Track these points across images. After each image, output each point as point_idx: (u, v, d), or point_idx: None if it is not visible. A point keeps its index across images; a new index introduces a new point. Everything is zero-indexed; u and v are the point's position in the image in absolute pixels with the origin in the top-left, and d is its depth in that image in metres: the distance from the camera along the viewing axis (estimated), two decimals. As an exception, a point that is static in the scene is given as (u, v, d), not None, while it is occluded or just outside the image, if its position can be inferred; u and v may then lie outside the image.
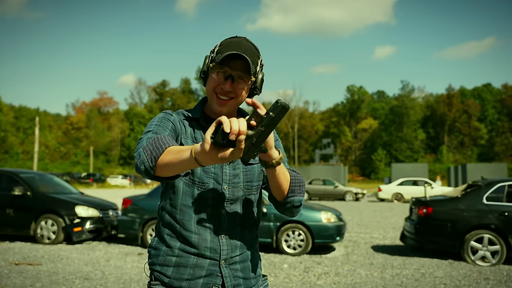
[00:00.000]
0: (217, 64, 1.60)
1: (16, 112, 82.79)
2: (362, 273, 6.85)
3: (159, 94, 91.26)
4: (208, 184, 1.62)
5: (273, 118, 1.21)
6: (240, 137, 1.15)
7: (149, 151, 1.41)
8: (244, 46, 1.61)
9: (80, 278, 6.23)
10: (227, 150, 1.19)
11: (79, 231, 9.20)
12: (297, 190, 1.64)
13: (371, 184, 61.50)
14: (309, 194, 27.31)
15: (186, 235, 1.61)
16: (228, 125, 1.16)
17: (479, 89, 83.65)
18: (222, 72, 1.61)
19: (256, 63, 1.63)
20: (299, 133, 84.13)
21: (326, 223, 8.31)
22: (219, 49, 1.62)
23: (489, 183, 7.87)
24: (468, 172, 32.19)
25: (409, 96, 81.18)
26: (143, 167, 1.41)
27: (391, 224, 13.94)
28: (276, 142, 1.79)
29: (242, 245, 1.67)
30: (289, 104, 1.21)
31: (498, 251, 7.38)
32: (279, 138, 1.85)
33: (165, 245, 1.65)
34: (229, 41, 1.63)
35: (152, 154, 1.40)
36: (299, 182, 1.65)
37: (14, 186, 9.58)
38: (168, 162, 1.36)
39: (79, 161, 77.00)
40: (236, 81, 1.62)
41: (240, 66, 1.61)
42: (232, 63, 1.60)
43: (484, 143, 76.92)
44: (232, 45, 1.61)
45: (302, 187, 1.66)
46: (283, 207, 1.65)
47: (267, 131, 1.22)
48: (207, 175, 1.62)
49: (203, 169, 1.62)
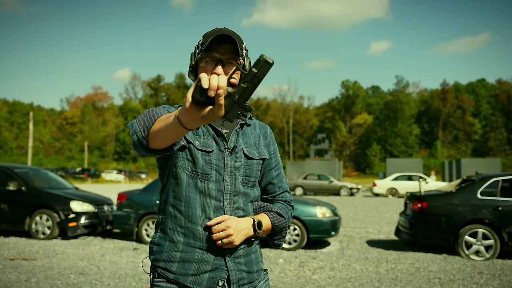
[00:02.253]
0: (204, 51, 1.62)
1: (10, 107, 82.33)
2: (357, 267, 6.88)
3: (154, 89, 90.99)
4: (211, 175, 1.63)
5: (256, 73, 1.16)
6: (218, 91, 1.12)
7: (142, 122, 1.44)
8: (227, 31, 1.65)
9: (75, 273, 6.22)
10: (207, 107, 1.16)
11: (74, 226, 9.18)
12: (278, 234, 1.77)
13: (366, 179, 61.71)
14: (304, 189, 27.37)
15: (192, 228, 1.61)
16: (207, 81, 1.13)
17: (474, 84, 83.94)
18: (211, 59, 1.64)
19: (242, 47, 1.66)
20: (294, 128, 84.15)
21: (321, 218, 8.33)
22: (204, 40, 1.65)
23: (483, 178, 7.91)
24: (462, 167, 32.36)
25: (403, 91, 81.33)
26: (136, 137, 1.44)
27: (385, 219, 14.01)
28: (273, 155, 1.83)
29: (246, 239, 1.66)
30: (273, 59, 1.16)
31: (492, 245, 7.43)
32: (276, 146, 1.88)
33: (168, 240, 1.63)
34: (212, 30, 1.68)
35: (144, 124, 1.43)
36: (281, 228, 1.75)
37: (9, 181, 9.54)
38: (158, 129, 1.38)
39: (73, 156, 76.77)
40: (226, 65, 1.64)
41: (227, 49, 1.64)
42: (219, 47, 1.63)
43: (478, 138, 77.25)
44: (215, 32, 1.65)
45: (283, 233, 1.77)
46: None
47: (250, 88, 1.17)
48: (209, 166, 1.63)
49: (206, 161, 1.62)
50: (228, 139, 1.68)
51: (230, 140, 1.67)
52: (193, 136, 1.63)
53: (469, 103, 79.62)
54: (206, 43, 1.61)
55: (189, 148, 1.62)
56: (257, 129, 1.82)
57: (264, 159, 1.77)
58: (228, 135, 1.69)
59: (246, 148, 1.71)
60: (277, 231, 1.72)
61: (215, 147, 1.65)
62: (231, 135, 1.69)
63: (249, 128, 1.78)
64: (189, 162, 1.62)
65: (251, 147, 1.74)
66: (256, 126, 1.82)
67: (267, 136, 1.83)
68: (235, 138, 1.70)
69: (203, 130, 1.66)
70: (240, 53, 1.64)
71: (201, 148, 1.62)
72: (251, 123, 1.81)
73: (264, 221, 1.70)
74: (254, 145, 1.75)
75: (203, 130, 1.66)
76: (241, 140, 1.71)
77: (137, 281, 5.83)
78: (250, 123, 1.80)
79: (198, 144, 1.62)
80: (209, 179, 1.62)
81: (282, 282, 5.89)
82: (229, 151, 1.66)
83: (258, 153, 1.75)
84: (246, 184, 1.70)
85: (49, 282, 5.69)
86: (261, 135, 1.81)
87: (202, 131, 1.66)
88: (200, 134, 1.65)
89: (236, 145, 1.68)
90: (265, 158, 1.77)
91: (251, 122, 1.81)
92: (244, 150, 1.70)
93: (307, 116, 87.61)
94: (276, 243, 1.76)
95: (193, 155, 1.62)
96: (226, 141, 1.67)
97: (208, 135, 1.66)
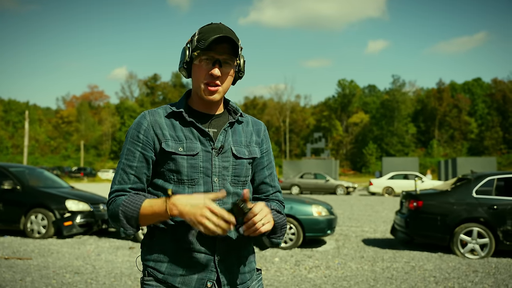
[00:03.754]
0: (202, 50, 1.58)
1: (5, 106, 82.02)
2: (352, 266, 6.89)
3: (150, 88, 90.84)
4: (198, 179, 1.60)
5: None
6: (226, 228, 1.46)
7: (125, 218, 1.56)
8: (225, 29, 1.61)
9: (70, 272, 6.21)
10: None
11: (70, 225, 9.15)
12: (279, 232, 1.70)
13: (362, 178, 61.82)
14: (300, 188, 27.38)
15: (180, 230, 1.58)
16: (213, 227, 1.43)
17: (469, 83, 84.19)
18: (208, 58, 1.60)
19: (239, 46, 1.63)
20: (291, 127, 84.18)
21: (317, 216, 8.34)
22: (200, 36, 1.60)
23: (479, 176, 7.94)
24: (458, 166, 32.45)
25: (400, 91, 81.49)
26: (124, 234, 1.59)
27: (381, 218, 14.03)
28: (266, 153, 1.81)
29: (236, 239, 1.63)
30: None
31: (487, 244, 7.45)
32: (270, 144, 1.86)
33: (158, 240, 1.62)
34: (209, 27, 1.62)
35: (130, 223, 1.56)
36: (281, 226, 1.70)
37: (4, 180, 9.50)
38: (144, 221, 1.56)
39: (69, 155, 76.55)
40: (223, 65, 1.61)
41: (225, 50, 1.60)
42: (218, 47, 1.59)
43: (474, 137, 77.49)
44: (213, 30, 1.60)
45: (283, 230, 1.72)
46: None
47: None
48: (195, 170, 1.60)
49: (191, 165, 1.59)
50: (216, 139, 1.65)
51: (217, 139, 1.64)
52: (175, 144, 1.60)
53: (465, 102, 79.85)
54: (205, 42, 1.56)
55: (172, 158, 1.59)
56: (249, 126, 1.77)
57: (254, 158, 1.73)
58: (216, 134, 1.66)
59: (235, 147, 1.67)
60: (277, 228, 1.68)
61: (200, 148, 1.61)
62: (219, 134, 1.65)
63: (240, 126, 1.74)
64: (173, 173, 1.60)
65: (241, 145, 1.70)
66: (249, 123, 1.78)
67: (260, 134, 1.79)
68: (223, 137, 1.66)
69: (186, 134, 1.63)
70: (238, 54, 1.63)
71: (185, 153, 1.59)
72: (244, 120, 1.77)
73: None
74: (245, 143, 1.71)
75: (186, 135, 1.63)
76: (230, 138, 1.67)
77: (133, 280, 5.82)
78: (243, 120, 1.76)
79: (181, 150, 1.59)
80: (197, 183, 1.60)
81: (277, 281, 5.89)
82: (216, 151, 1.63)
83: (249, 151, 1.71)
84: (236, 184, 1.66)
85: (44, 281, 5.67)
86: (254, 132, 1.77)
87: (184, 135, 1.62)
88: (182, 139, 1.61)
89: (224, 144, 1.65)
90: (255, 157, 1.73)
91: (244, 119, 1.77)
92: (233, 149, 1.66)
93: (303, 115, 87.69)
94: (275, 241, 1.71)
95: (177, 163, 1.59)
96: (213, 141, 1.63)
97: (192, 138, 1.62)
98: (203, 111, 1.69)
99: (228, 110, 1.76)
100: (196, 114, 1.68)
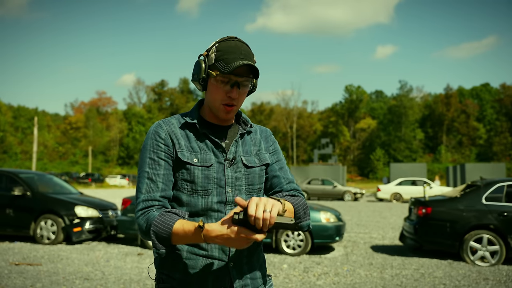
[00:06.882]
0: (222, 73, 1.58)
1: (14, 112, 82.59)
2: (361, 273, 6.87)
3: (158, 94, 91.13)
4: (212, 190, 1.62)
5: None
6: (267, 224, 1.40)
7: (160, 235, 1.51)
8: (244, 51, 1.61)
9: (80, 278, 6.24)
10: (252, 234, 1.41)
11: (79, 231, 9.20)
12: (303, 215, 1.68)
13: (369, 184, 61.53)
14: (308, 194, 27.32)
15: None
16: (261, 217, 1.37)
17: (478, 89, 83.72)
18: (226, 80, 1.61)
19: (257, 69, 1.64)
20: (298, 133, 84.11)
21: (325, 223, 8.32)
22: (219, 55, 1.60)
23: (488, 183, 7.89)
24: (467, 172, 32.20)
25: (407, 96, 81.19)
26: (157, 253, 1.55)
27: (390, 224, 13.96)
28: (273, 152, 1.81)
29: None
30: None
31: (497, 251, 7.40)
32: (276, 141, 1.87)
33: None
34: (227, 45, 1.61)
35: (163, 239, 1.51)
36: (303, 207, 1.69)
37: (14, 186, 9.58)
38: (176, 242, 1.53)
39: (77, 161, 76.86)
40: (241, 87, 1.63)
41: (244, 72, 1.61)
42: (237, 70, 1.60)
43: (482, 143, 76.96)
44: (232, 51, 1.59)
45: (306, 211, 1.70)
46: (280, 226, 1.66)
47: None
48: (209, 181, 1.62)
49: (205, 176, 1.61)
50: (228, 150, 1.67)
51: (229, 151, 1.67)
52: (190, 155, 1.62)
53: (473, 107, 79.40)
54: (227, 67, 1.57)
55: (187, 168, 1.61)
56: (258, 134, 1.80)
57: (266, 165, 1.75)
58: (228, 145, 1.69)
59: (245, 157, 1.70)
60: (300, 210, 1.66)
61: (214, 160, 1.63)
62: (231, 146, 1.68)
63: (249, 136, 1.77)
64: (188, 182, 1.61)
65: (251, 155, 1.72)
66: (257, 131, 1.81)
67: (268, 139, 1.82)
68: (235, 148, 1.69)
69: (200, 145, 1.65)
70: (257, 76, 1.65)
71: (200, 164, 1.61)
72: (252, 130, 1.80)
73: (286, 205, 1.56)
74: (255, 151, 1.74)
75: (200, 146, 1.65)
76: (240, 149, 1.70)
77: (142, 286, 5.84)
78: (251, 130, 1.79)
79: (196, 161, 1.61)
80: (211, 194, 1.62)
81: (286, 288, 5.88)
82: (228, 162, 1.65)
83: (259, 159, 1.73)
84: (251, 192, 1.69)
85: (54, 287, 5.71)
86: (262, 140, 1.80)
87: (199, 146, 1.64)
88: (197, 150, 1.63)
89: (235, 155, 1.67)
90: (267, 164, 1.75)
91: (252, 129, 1.80)
92: (243, 159, 1.68)
93: (310, 121, 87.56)
94: (304, 224, 1.68)
95: (191, 174, 1.61)
96: (226, 152, 1.66)
97: (206, 149, 1.64)
98: (216, 123, 1.72)
99: (237, 120, 1.79)
100: (209, 125, 1.71)
